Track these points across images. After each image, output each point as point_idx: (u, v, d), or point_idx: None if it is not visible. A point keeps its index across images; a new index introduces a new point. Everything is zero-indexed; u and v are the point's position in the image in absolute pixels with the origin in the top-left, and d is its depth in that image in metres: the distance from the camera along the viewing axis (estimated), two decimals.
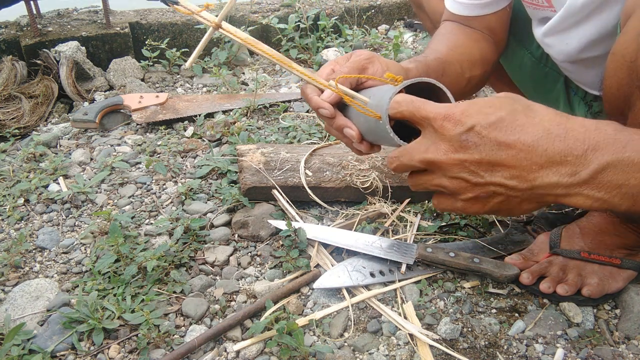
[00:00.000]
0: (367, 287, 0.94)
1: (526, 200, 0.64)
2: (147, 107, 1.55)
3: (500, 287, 0.94)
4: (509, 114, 0.61)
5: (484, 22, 1.07)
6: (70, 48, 1.70)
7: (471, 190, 0.65)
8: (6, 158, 1.37)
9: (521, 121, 0.61)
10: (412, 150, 0.67)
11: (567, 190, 0.61)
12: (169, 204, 1.19)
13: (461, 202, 0.67)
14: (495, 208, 0.66)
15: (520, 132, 0.60)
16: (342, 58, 0.88)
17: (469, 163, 0.62)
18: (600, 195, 0.60)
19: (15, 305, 0.91)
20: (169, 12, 2.07)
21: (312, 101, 0.84)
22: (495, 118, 0.61)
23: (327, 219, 1.12)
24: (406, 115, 0.67)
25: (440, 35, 1.10)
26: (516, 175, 0.61)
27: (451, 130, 0.62)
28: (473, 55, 1.06)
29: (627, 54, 0.72)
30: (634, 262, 0.89)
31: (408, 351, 0.83)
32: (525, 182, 0.61)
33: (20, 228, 1.12)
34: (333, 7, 2.24)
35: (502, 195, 0.64)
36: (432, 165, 0.65)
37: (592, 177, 0.59)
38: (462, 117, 0.62)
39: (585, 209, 0.61)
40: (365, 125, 0.80)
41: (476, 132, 0.61)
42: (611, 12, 0.83)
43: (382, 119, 0.71)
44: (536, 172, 0.60)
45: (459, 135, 0.62)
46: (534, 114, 0.62)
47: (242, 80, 1.84)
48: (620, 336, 0.85)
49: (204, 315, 0.90)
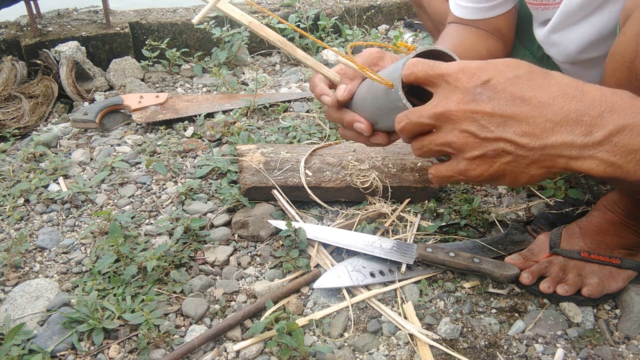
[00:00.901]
0: (367, 287, 0.94)
1: (535, 163, 0.61)
2: (147, 107, 1.55)
3: (500, 287, 0.94)
4: (526, 73, 0.60)
5: (490, 24, 1.07)
6: (70, 48, 1.69)
7: (479, 147, 0.61)
8: (6, 158, 1.37)
9: (538, 81, 0.60)
10: (422, 108, 0.65)
11: (580, 152, 0.58)
12: (169, 204, 1.19)
13: (464, 162, 0.64)
14: (500, 170, 0.63)
15: (537, 90, 0.59)
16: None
17: (480, 115, 0.60)
18: (615, 159, 0.57)
19: (15, 305, 0.91)
20: (169, 12, 2.07)
21: (317, 88, 0.84)
22: (512, 75, 0.60)
23: (327, 219, 1.12)
24: (420, 75, 0.65)
25: (446, 36, 1.09)
26: (529, 132, 0.59)
27: (465, 82, 0.61)
28: (480, 51, 1.05)
29: (626, 54, 0.72)
30: (634, 262, 0.89)
31: (408, 351, 0.83)
32: (538, 139, 0.59)
33: (20, 228, 1.12)
34: (333, 7, 2.24)
35: (510, 155, 0.61)
36: (441, 118, 0.63)
37: (607, 138, 0.57)
38: (478, 71, 0.61)
39: (597, 175, 0.58)
40: (373, 108, 0.78)
41: (492, 85, 0.59)
42: (611, 13, 0.84)
43: (394, 86, 0.69)
44: (550, 130, 0.58)
45: (473, 87, 0.60)
46: (551, 77, 0.60)
47: (242, 80, 1.84)
48: (620, 336, 0.85)
49: (204, 315, 0.90)
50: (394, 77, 0.70)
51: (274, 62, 2.04)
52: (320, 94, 0.83)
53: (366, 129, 0.81)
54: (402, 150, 1.22)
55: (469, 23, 1.08)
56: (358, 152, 1.20)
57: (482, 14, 1.05)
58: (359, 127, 0.82)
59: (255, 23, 0.78)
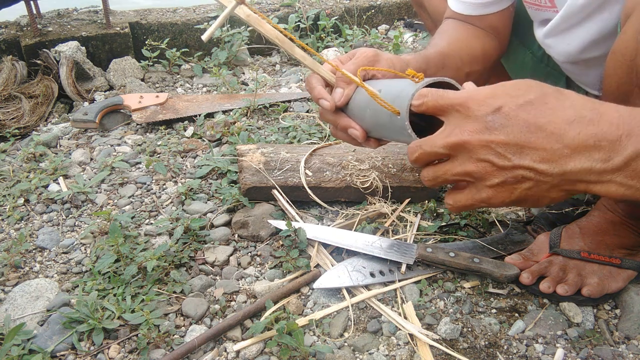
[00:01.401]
0: (367, 287, 0.94)
1: (555, 188, 0.61)
2: (147, 107, 1.55)
3: (500, 287, 0.94)
4: (538, 97, 0.59)
5: (487, 21, 1.07)
6: (70, 48, 1.70)
7: (498, 175, 0.61)
8: (6, 158, 1.37)
9: (552, 104, 0.58)
10: (435, 137, 0.64)
11: (599, 177, 0.58)
12: (169, 204, 1.19)
13: (486, 191, 0.63)
14: (522, 196, 0.62)
15: (551, 115, 0.57)
16: (344, 57, 0.88)
17: (495, 144, 0.59)
18: (633, 183, 0.57)
19: (15, 305, 0.91)
20: (169, 12, 2.07)
21: (315, 90, 0.83)
22: (523, 100, 0.59)
23: (327, 219, 1.12)
24: (430, 105, 0.64)
25: (442, 32, 1.10)
26: (547, 159, 0.58)
27: (476, 110, 0.60)
28: (474, 50, 1.05)
29: (627, 53, 0.72)
30: (634, 262, 0.89)
31: (408, 351, 0.83)
32: (557, 166, 0.58)
33: (20, 228, 1.12)
34: (333, 7, 2.24)
35: (531, 181, 0.60)
36: (456, 148, 0.62)
37: (626, 163, 0.56)
38: (488, 98, 0.60)
39: (617, 198, 0.58)
40: (372, 121, 0.79)
41: (504, 113, 0.58)
42: (612, 12, 0.84)
43: (400, 115, 0.69)
44: (568, 157, 0.57)
45: (484, 116, 0.59)
46: (565, 98, 0.59)
47: (242, 80, 1.84)
48: (620, 336, 0.85)
49: (204, 315, 0.90)
50: (400, 105, 0.69)
51: (274, 62, 2.04)
52: (319, 98, 0.83)
53: (361, 136, 0.82)
54: (402, 150, 1.22)
55: (465, 19, 1.09)
56: (358, 152, 1.20)
57: (480, 9, 1.05)
58: (353, 134, 0.83)
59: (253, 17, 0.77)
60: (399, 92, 0.71)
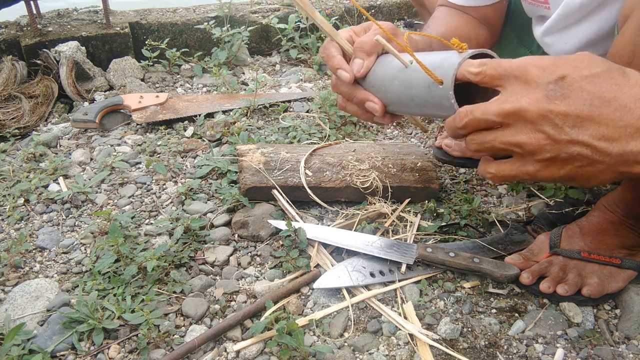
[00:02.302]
0: (367, 287, 0.94)
1: (610, 168, 0.57)
2: (147, 107, 1.55)
3: (500, 287, 0.94)
4: (604, 70, 0.56)
5: (480, 12, 1.08)
6: (70, 48, 1.69)
7: (551, 149, 0.57)
8: (6, 158, 1.37)
9: (618, 80, 0.55)
10: (489, 104, 0.60)
11: None
12: (169, 204, 1.19)
13: (533, 165, 0.59)
14: (572, 174, 0.59)
15: (618, 91, 0.54)
16: (358, 29, 0.83)
17: (554, 115, 0.55)
18: None
19: (15, 305, 0.91)
20: (169, 12, 2.07)
21: (335, 60, 0.79)
22: (589, 72, 0.55)
23: (327, 219, 1.12)
24: (488, 74, 0.61)
25: (439, 19, 1.10)
26: (607, 136, 0.55)
27: (537, 77, 0.56)
28: (469, 38, 1.06)
29: (624, 55, 0.72)
30: (634, 262, 0.89)
31: (408, 351, 0.83)
32: (617, 144, 0.55)
33: (20, 228, 1.12)
34: (333, 7, 2.24)
35: (585, 159, 0.57)
36: (511, 116, 0.58)
37: None
38: (552, 66, 0.56)
39: None
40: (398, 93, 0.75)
41: (567, 83, 0.55)
42: (610, 12, 0.84)
43: (444, 84, 0.66)
44: (630, 136, 0.54)
45: (546, 84, 0.56)
46: (629, 76, 0.56)
47: (242, 80, 1.84)
48: (620, 336, 0.85)
49: (204, 315, 0.90)
50: (444, 74, 0.66)
51: (274, 62, 2.04)
52: (337, 68, 0.78)
53: (380, 110, 0.78)
54: (402, 150, 1.22)
55: (460, 8, 1.09)
56: (358, 152, 1.20)
57: (474, 1, 1.06)
58: (371, 107, 0.78)
59: None
60: (441, 61, 0.68)
